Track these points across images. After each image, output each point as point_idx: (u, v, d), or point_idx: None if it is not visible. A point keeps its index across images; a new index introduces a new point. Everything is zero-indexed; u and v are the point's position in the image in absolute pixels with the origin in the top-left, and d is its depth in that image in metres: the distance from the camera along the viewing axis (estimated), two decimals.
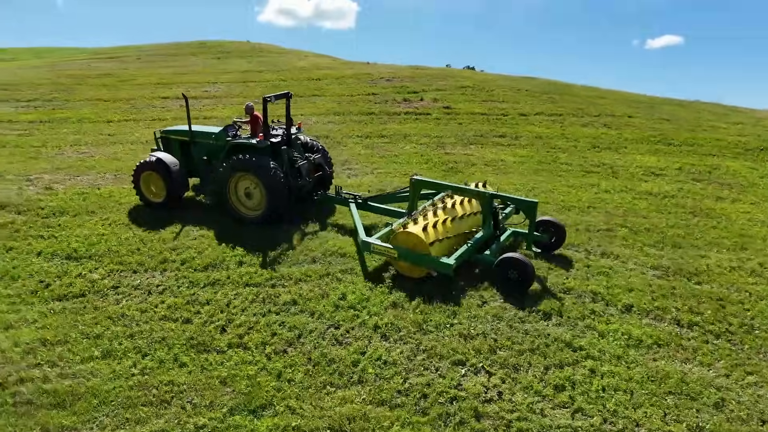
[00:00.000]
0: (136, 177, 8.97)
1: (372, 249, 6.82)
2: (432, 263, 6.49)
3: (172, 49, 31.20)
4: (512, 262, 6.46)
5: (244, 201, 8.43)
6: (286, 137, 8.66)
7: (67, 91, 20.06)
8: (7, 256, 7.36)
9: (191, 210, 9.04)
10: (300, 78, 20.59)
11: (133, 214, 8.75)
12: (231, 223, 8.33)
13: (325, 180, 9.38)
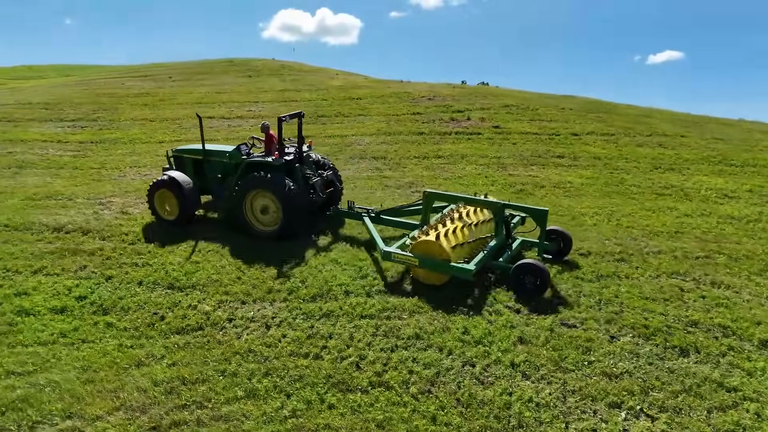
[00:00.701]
0: (150, 195, 9.23)
1: (393, 258, 7.20)
2: (453, 270, 6.78)
3: (201, 67, 31.44)
4: (529, 267, 6.76)
5: (259, 217, 8.75)
6: (299, 155, 9.00)
7: (109, 110, 20.17)
8: (108, 285, 7.26)
9: (252, 239, 8.94)
10: (340, 97, 20.63)
11: (218, 240, 8.64)
12: (315, 250, 8.22)
13: (336, 196, 9.74)
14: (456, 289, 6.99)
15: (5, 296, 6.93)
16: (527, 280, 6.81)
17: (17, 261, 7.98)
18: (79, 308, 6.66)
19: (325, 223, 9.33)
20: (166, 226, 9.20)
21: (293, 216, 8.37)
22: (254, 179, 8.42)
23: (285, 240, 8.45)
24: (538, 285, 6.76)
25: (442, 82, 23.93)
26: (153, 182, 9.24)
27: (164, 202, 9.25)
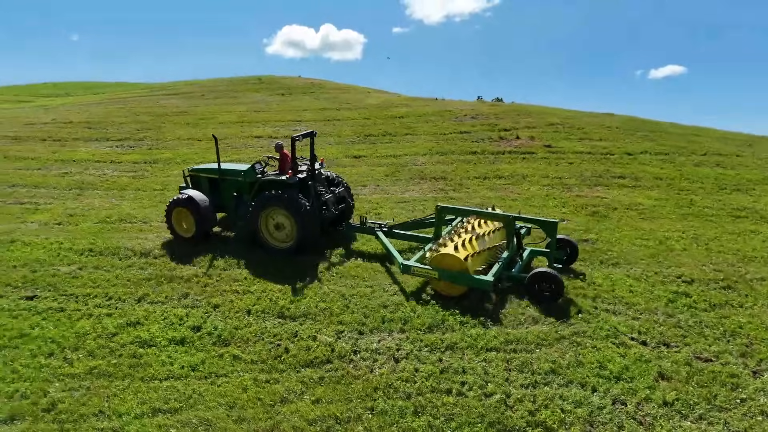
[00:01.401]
0: (168, 213, 9.52)
1: (412, 271, 7.52)
2: (471, 281, 7.10)
3: (230, 85, 31.67)
4: (545, 276, 7.13)
5: (274, 234, 9.02)
6: (312, 173, 9.23)
7: (153, 129, 20.27)
8: (218, 314, 7.15)
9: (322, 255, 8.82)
10: (382, 116, 20.67)
11: (306, 265, 8.55)
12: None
13: (348, 211, 10.02)
14: (568, 314, 6.84)
15: (119, 326, 6.83)
16: (543, 287, 7.16)
17: (117, 288, 7.91)
18: (199, 339, 6.55)
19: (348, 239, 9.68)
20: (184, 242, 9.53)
21: (307, 232, 8.65)
22: (269, 197, 8.67)
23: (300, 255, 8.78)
24: (553, 291, 7.12)
25: (480, 100, 23.94)
26: (171, 201, 9.48)
27: (182, 219, 9.50)
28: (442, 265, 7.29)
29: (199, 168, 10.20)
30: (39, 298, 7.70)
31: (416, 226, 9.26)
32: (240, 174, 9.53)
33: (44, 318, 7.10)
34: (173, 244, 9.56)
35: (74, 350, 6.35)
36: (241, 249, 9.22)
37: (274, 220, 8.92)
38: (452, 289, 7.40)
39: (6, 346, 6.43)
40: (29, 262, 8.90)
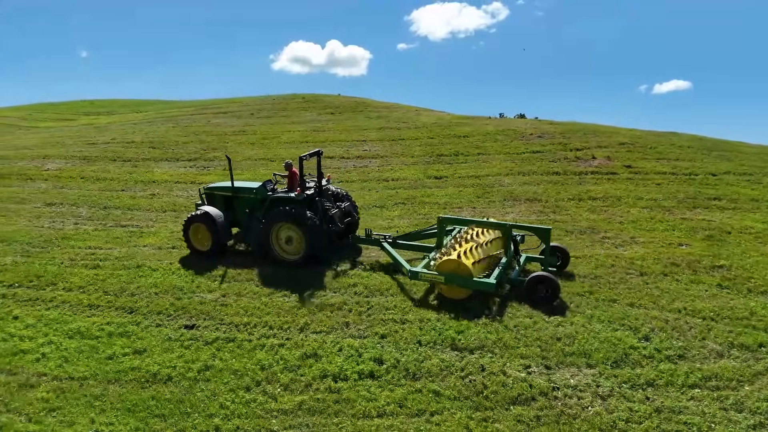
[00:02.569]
0: (185, 229, 10.09)
1: (420, 277, 8.13)
2: (476, 284, 7.72)
3: (275, 103, 31.90)
4: (543, 279, 7.72)
5: (284, 247, 9.58)
6: (319, 189, 9.83)
7: (218, 149, 20.39)
8: (389, 345, 7.05)
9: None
10: (446, 135, 20.68)
11: (428, 289, 8.43)
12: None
13: (354, 225, 10.54)
14: (750, 348, 6.67)
15: (300, 358, 6.75)
16: (540, 289, 7.79)
17: (272, 317, 7.87)
18: (387, 373, 6.44)
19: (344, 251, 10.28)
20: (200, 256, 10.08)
21: (315, 244, 9.22)
22: (279, 213, 9.25)
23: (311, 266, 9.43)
24: (550, 294, 7.75)
25: (540, 119, 23.92)
26: (188, 217, 10.08)
27: (198, 234, 10.07)
28: (449, 270, 7.83)
29: (214, 186, 10.85)
30: (199, 327, 7.64)
31: (418, 236, 9.86)
32: (252, 191, 10.15)
33: (218, 349, 7.04)
34: (292, 270, 9.48)
35: (268, 383, 6.26)
36: (371, 276, 9.14)
37: (284, 234, 9.48)
38: (457, 293, 8.02)
39: (198, 379, 6.36)
40: (169, 289, 8.87)
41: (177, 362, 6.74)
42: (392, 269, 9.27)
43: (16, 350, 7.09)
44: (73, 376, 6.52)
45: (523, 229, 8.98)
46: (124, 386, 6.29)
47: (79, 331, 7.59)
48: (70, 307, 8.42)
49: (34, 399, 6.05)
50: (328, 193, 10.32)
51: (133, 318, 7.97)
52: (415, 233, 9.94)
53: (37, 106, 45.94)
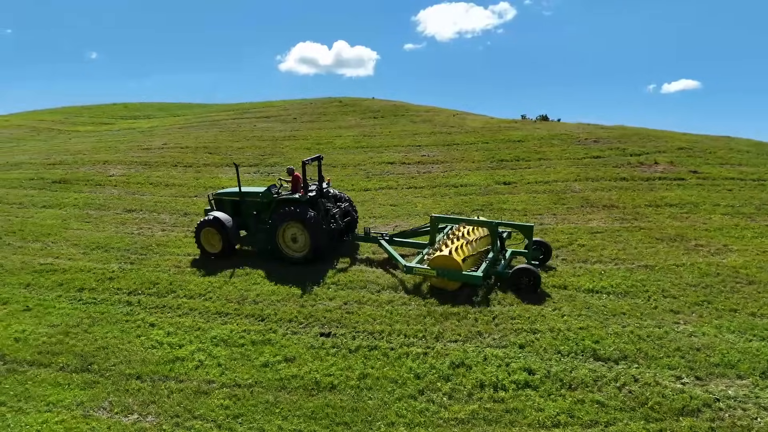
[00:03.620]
0: (197, 233, 10.88)
1: (414, 271, 9.06)
2: (464, 277, 8.65)
3: (313, 107, 32.16)
4: (525, 271, 8.75)
5: (290, 245, 10.38)
6: (320, 191, 10.72)
7: (276, 154, 20.67)
8: (531, 354, 7.20)
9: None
10: (500, 140, 20.79)
11: (561, 298, 8.57)
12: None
13: (353, 224, 11.39)
14: None
15: (450, 366, 6.93)
16: (523, 280, 8.75)
17: (402, 325, 8.06)
18: (542, 383, 6.60)
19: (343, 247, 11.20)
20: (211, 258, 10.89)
21: (318, 241, 9.99)
22: (286, 213, 10.04)
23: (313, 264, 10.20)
24: (532, 284, 8.72)
25: (586, 122, 23.99)
26: (199, 222, 10.87)
27: (209, 238, 10.84)
28: (440, 265, 8.73)
29: (223, 192, 11.64)
30: (336, 335, 7.84)
31: (413, 234, 10.68)
32: (258, 195, 10.95)
33: (365, 357, 7.24)
34: (396, 278, 9.68)
35: (431, 392, 6.44)
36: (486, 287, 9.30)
37: (290, 233, 10.27)
38: (448, 284, 8.89)
39: (360, 387, 6.56)
40: (289, 296, 9.10)
41: (332, 370, 6.94)
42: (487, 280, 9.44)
43: (172, 357, 7.33)
44: (238, 383, 6.75)
45: (509, 226, 9.89)
46: (293, 394, 6.50)
47: (222, 338, 7.82)
48: (200, 315, 8.67)
49: (214, 406, 6.28)
50: (328, 195, 11.14)
51: (266, 326, 8.19)
52: (410, 231, 10.78)
53: (69, 110, 46.56)
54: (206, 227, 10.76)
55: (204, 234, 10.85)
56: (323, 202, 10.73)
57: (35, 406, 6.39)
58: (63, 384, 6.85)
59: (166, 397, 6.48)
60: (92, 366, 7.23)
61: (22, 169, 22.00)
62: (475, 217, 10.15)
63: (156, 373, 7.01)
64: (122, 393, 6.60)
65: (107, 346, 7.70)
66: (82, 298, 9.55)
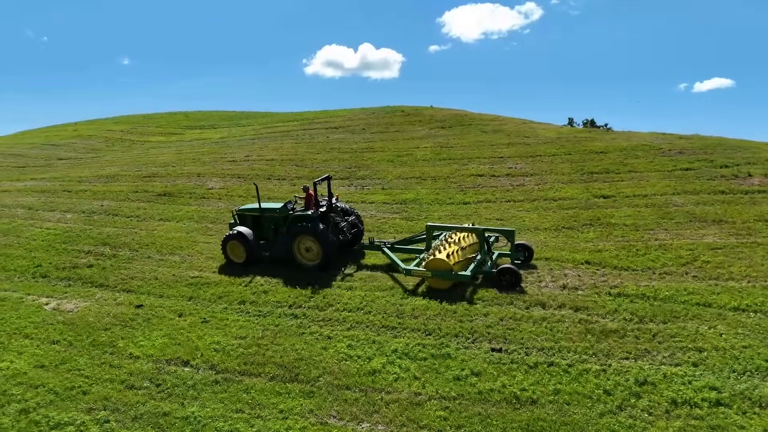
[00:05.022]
0: (224, 245, 12.42)
1: (413, 273, 10.56)
2: (455, 277, 10.16)
3: (378, 117, 32.89)
4: (507, 270, 10.28)
5: (304, 255, 11.95)
6: (329, 207, 12.29)
7: (362, 167, 21.41)
8: (705, 373, 7.58)
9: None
10: (583, 151, 21.04)
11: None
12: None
13: (360, 235, 12.97)
14: None
15: (634, 383, 7.37)
16: (505, 279, 10.25)
17: (566, 342, 8.51)
18: (731, 400, 6.99)
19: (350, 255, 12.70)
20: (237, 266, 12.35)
21: (328, 251, 11.51)
22: (299, 228, 11.61)
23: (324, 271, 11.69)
24: (513, 282, 10.21)
25: (664, 132, 23.97)
26: (225, 236, 12.37)
27: (234, 249, 12.34)
28: (435, 267, 10.18)
29: (245, 208, 13.03)
30: (507, 351, 8.40)
31: (411, 242, 12.23)
32: (276, 211, 12.36)
33: (547, 373, 7.76)
34: (538, 293, 10.16)
35: (631, 408, 6.92)
36: (635, 301, 9.71)
37: (304, 244, 11.79)
38: (442, 284, 10.33)
39: (556, 401, 7.10)
40: (443, 311, 9.69)
41: (524, 385, 7.50)
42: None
43: (369, 369, 8.02)
44: (443, 395, 7.37)
45: (493, 231, 11.46)
46: (498, 407, 7.09)
47: (403, 352, 8.48)
48: (368, 328, 9.36)
49: (432, 416, 6.92)
50: (337, 209, 12.60)
51: (437, 340, 8.82)
52: (408, 239, 12.34)
53: (131, 119, 48.59)
54: (231, 240, 12.29)
55: (229, 246, 12.37)
56: (333, 216, 12.17)
57: (270, 413, 7.15)
58: (283, 393, 7.61)
59: (384, 407, 7.15)
60: (299, 376, 7.98)
61: (120, 181, 23.37)
62: (465, 224, 12.12)
63: (362, 384, 7.70)
64: (342, 402, 7.31)
65: (302, 358, 8.45)
66: (248, 310, 10.38)
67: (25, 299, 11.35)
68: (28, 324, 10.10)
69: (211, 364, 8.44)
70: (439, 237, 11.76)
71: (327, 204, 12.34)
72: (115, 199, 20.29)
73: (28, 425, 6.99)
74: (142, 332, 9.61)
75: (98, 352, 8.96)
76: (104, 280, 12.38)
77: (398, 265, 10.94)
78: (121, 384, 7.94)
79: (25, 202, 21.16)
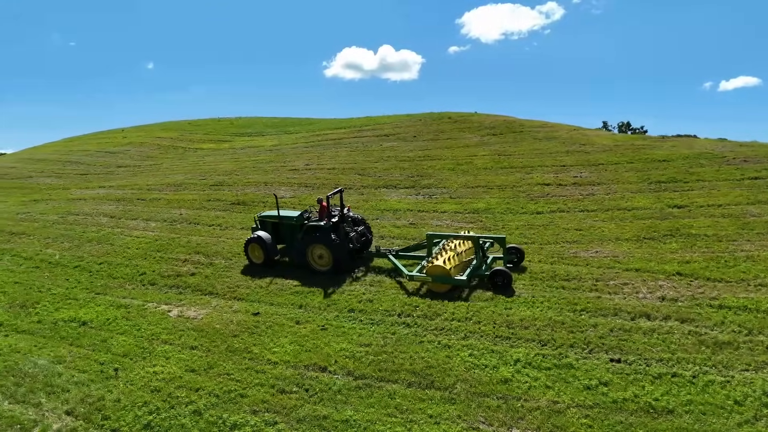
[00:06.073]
0: (246, 247, 14.07)
1: (415, 278, 11.79)
2: (453, 281, 11.37)
3: (424, 125, 33.40)
4: (500, 272, 11.50)
5: (317, 261, 13.31)
6: (341, 217, 13.48)
7: (425, 176, 21.96)
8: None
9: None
10: (644, 159, 21.21)
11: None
12: None
13: (368, 243, 14.25)
14: None
15: (764, 394, 7.73)
16: (497, 280, 11.46)
17: (683, 354, 8.87)
18: None
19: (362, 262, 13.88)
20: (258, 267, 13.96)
21: (338, 258, 12.87)
22: (313, 237, 13.03)
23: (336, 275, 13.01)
24: (505, 283, 11.41)
25: (718, 138, 23.90)
26: (247, 239, 13.98)
27: (255, 251, 13.93)
28: (435, 273, 11.46)
29: (265, 215, 14.61)
30: (627, 362, 8.82)
31: (414, 249, 13.40)
32: (293, 219, 13.84)
33: (673, 384, 8.16)
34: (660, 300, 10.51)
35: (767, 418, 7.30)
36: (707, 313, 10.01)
37: (317, 252, 13.17)
38: (441, 287, 11.56)
39: (690, 412, 7.50)
40: (549, 322, 10.15)
41: (655, 395, 7.92)
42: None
43: (500, 378, 8.55)
44: (579, 404, 7.85)
45: (487, 238, 12.51)
46: (635, 415, 7.54)
47: (526, 362, 8.98)
48: (483, 338, 9.87)
49: (576, 424, 7.41)
50: (348, 220, 13.92)
51: (554, 350, 9.28)
52: (412, 247, 13.55)
53: (176, 125, 50.06)
54: (252, 243, 13.88)
55: (250, 248, 13.96)
56: (344, 226, 13.47)
57: (421, 417, 7.73)
58: (425, 399, 8.19)
59: (528, 413, 7.67)
60: (434, 383, 8.55)
61: (189, 189, 24.41)
62: (461, 233, 13.48)
63: (498, 392, 8.23)
64: (485, 409, 7.85)
65: (431, 366, 9.02)
66: (360, 318, 11.01)
67: (147, 306, 12.22)
68: (162, 330, 10.92)
69: (348, 370, 9.07)
70: (439, 244, 12.88)
71: (339, 214, 13.52)
72: (190, 208, 21.25)
73: (207, 426, 7.72)
74: (269, 339, 10.32)
75: (238, 357, 9.70)
76: (212, 288, 13.18)
77: (402, 271, 12.13)
78: (271, 388, 8.63)
79: (104, 210, 22.33)
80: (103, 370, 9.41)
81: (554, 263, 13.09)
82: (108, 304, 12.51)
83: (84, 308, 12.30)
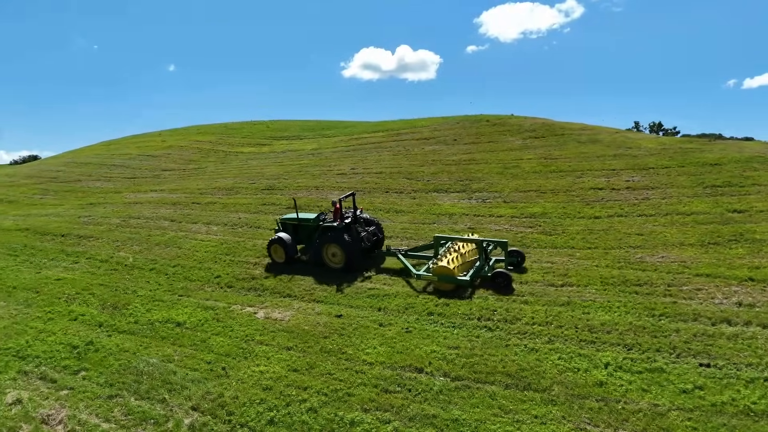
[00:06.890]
0: (269, 247, 15.39)
1: (422, 278, 12.84)
2: (457, 281, 12.33)
3: (463, 128, 33.70)
4: (501, 274, 12.46)
5: (331, 259, 14.62)
6: (354, 218, 14.74)
7: (474, 180, 22.30)
8: None
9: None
10: (695, 163, 21.21)
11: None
12: None
13: (379, 242, 15.52)
14: None
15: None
16: (498, 281, 12.41)
17: None
18: None
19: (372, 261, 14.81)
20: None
21: (350, 257, 14.08)
22: (326, 237, 14.38)
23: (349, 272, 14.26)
24: (506, 284, 12.30)
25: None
26: (270, 239, 15.33)
27: (276, 251, 15.27)
28: (440, 272, 12.48)
29: (286, 217, 16.05)
30: (716, 367, 9.08)
31: (422, 249, 14.45)
32: (310, 221, 15.34)
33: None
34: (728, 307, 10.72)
35: None
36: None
37: (331, 251, 14.47)
38: (445, 286, 12.52)
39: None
40: (631, 328, 10.44)
41: (753, 398, 8.19)
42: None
43: (594, 381, 8.88)
44: (680, 407, 8.15)
45: (490, 241, 13.70)
46: (738, 419, 7.81)
47: (616, 366, 9.30)
48: (566, 341, 10.22)
49: (679, 426, 7.74)
50: (361, 221, 15.22)
51: (641, 354, 9.58)
52: (421, 247, 14.59)
53: (213, 128, 51.17)
54: (274, 244, 15.23)
55: (273, 248, 15.28)
56: (356, 227, 14.68)
57: (527, 418, 8.14)
58: (526, 400, 8.59)
59: (631, 416, 8.02)
60: (531, 385, 8.95)
61: (242, 193, 25.17)
62: (466, 236, 14.35)
63: (596, 395, 8.58)
64: (588, 411, 8.22)
65: (524, 368, 9.41)
66: (441, 322, 11.44)
67: (233, 308, 12.86)
68: (254, 332, 11.53)
69: (443, 371, 9.53)
70: (445, 245, 13.95)
71: (352, 216, 14.74)
72: (247, 212, 21.98)
73: (326, 423, 8.25)
74: (359, 340, 10.83)
75: (334, 358, 10.23)
76: (289, 290, 13.78)
77: (410, 271, 13.28)
78: (375, 388, 9.13)
79: (163, 213, 23.20)
80: (212, 368, 10.03)
81: (622, 268, 13.35)
82: (194, 306, 13.18)
83: (173, 310, 12.99)
